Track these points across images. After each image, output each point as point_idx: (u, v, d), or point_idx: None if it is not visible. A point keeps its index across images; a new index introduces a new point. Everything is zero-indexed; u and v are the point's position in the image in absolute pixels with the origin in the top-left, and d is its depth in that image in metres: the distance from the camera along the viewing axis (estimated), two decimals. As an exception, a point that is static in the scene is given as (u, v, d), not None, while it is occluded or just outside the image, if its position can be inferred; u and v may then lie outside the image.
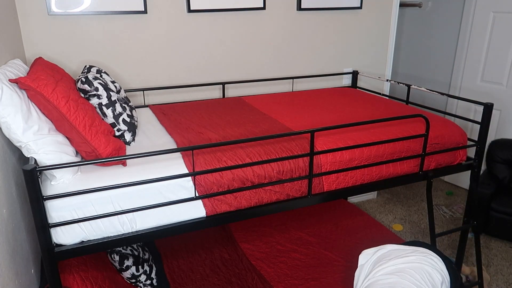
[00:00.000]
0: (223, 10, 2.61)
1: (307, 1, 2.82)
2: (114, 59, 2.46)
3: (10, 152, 1.56)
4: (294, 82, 3.02)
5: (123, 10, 2.37)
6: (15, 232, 1.47)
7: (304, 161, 1.70)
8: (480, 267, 2.27)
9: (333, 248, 2.44)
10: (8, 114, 1.34)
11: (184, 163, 1.57)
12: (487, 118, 2.02)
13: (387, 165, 1.89)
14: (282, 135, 1.63)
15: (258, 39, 2.80)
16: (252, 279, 2.17)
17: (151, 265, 2.16)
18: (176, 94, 2.68)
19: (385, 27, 3.18)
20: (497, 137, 3.47)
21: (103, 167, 1.53)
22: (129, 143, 1.79)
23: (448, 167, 2.07)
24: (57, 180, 1.42)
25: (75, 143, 1.50)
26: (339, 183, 1.80)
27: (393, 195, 3.70)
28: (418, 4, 4.04)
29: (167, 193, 1.50)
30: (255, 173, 1.62)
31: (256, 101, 2.54)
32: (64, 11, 2.25)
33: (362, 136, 1.86)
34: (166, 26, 2.52)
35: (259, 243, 2.50)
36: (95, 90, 1.68)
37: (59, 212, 1.37)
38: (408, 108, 2.37)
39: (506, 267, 2.73)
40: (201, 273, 2.26)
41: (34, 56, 2.28)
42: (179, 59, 2.62)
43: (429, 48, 4.05)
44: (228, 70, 2.78)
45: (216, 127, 2.02)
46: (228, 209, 1.61)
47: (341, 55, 3.11)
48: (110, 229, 1.45)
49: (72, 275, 1.60)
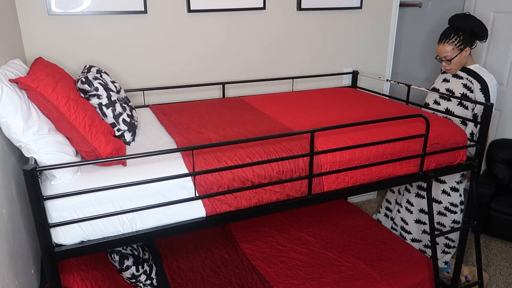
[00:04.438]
0: (223, 10, 2.61)
1: (307, 1, 2.82)
2: (114, 59, 2.46)
3: (10, 152, 1.56)
4: (294, 82, 3.02)
5: (123, 10, 2.37)
6: (15, 232, 1.47)
7: (304, 161, 1.70)
8: (480, 267, 2.27)
9: (333, 248, 2.44)
10: (8, 114, 1.34)
11: (184, 163, 1.57)
12: (487, 118, 2.02)
13: (387, 165, 1.89)
14: (282, 135, 1.63)
15: (258, 39, 2.80)
16: (252, 279, 2.17)
17: (151, 265, 2.16)
18: (176, 94, 2.68)
19: (385, 27, 3.18)
20: (497, 137, 3.47)
21: (103, 167, 1.53)
22: (129, 143, 1.79)
23: (448, 167, 2.07)
24: (57, 180, 1.42)
25: (75, 143, 1.50)
26: (339, 183, 1.80)
27: (393, 195, 3.70)
28: (418, 4, 4.04)
29: (167, 193, 1.50)
30: (255, 173, 1.62)
31: (256, 101, 2.54)
32: (64, 11, 2.25)
33: (362, 136, 1.86)
34: (166, 26, 2.52)
35: (259, 243, 2.50)
36: (95, 90, 1.68)
37: (59, 212, 1.37)
38: (408, 108, 2.37)
39: (506, 267, 2.73)
40: (201, 273, 2.26)
41: (34, 56, 2.28)
42: (179, 59, 2.62)
43: (429, 48, 4.05)
44: (228, 70, 2.78)
45: (216, 127, 2.02)
46: (228, 209, 1.61)
47: (341, 55, 3.11)
48: (110, 229, 1.45)
49: (72, 275, 1.60)
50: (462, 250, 2.25)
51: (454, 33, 2.30)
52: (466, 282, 2.53)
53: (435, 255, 2.08)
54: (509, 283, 2.58)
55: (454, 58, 2.33)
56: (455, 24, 2.31)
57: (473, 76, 2.35)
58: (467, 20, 2.28)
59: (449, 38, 2.31)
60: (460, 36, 2.29)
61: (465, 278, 2.54)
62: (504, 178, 3.11)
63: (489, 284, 2.58)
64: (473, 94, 2.33)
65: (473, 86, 2.34)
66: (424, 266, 2.26)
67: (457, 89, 2.39)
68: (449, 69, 2.39)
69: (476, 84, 2.32)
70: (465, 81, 2.36)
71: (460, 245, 2.25)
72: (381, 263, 2.29)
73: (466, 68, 2.39)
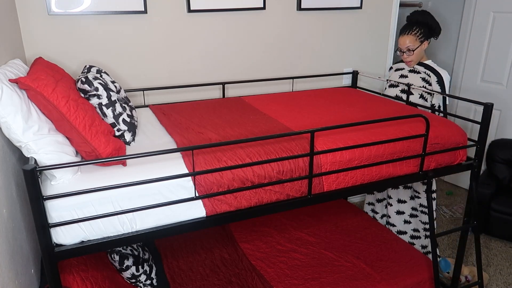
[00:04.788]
0: (223, 10, 2.61)
1: (307, 1, 2.82)
2: (114, 59, 2.46)
3: (10, 152, 1.56)
4: (294, 82, 3.02)
5: (123, 10, 2.37)
6: (15, 232, 1.47)
7: (304, 161, 1.70)
8: (480, 267, 2.27)
9: (333, 248, 2.44)
10: (8, 114, 1.34)
11: (184, 163, 1.57)
12: (487, 118, 2.02)
13: (387, 165, 1.89)
14: (282, 135, 1.63)
15: (258, 39, 2.80)
16: (252, 279, 2.17)
17: (151, 265, 2.16)
18: (176, 94, 2.68)
19: (385, 27, 3.18)
20: (497, 137, 3.47)
21: (103, 167, 1.53)
22: (129, 143, 1.79)
23: (448, 167, 2.07)
24: (57, 180, 1.42)
25: (75, 143, 1.50)
26: (339, 183, 1.80)
27: (393, 195, 3.70)
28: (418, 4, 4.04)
29: (167, 193, 1.50)
30: (255, 173, 1.62)
31: (256, 101, 2.54)
32: (64, 11, 2.25)
33: (362, 136, 1.86)
34: (166, 26, 2.52)
35: (259, 243, 2.50)
36: (95, 90, 1.68)
37: (59, 212, 1.37)
38: (408, 108, 2.37)
39: (506, 267, 2.73)
40: (201, 273, 2.26)
41: (34, 56, 2.28)
42: (179, 59, 2.62)
43: (429, 48, 4.05)
44: (228, 70, 2.78)
45: (216, 127, 2.02)
46: (228, 209, 1.61)
47: (341, 55, 3.11)
48: (110, 229, 1.45)
49: (72, 275, 1.60)
50: (462, 250, 2.25)
51: (416, 26, 2.49)
52: (466, 282, 2.53)
53: (435, 255, 2.08)
54: (509, 283, 2.58)
55: (416, 49, 2.50)
56: (418, 19, 2.51)
57: (430, 70, 2.53)
58: (427, 16, 2.49)
59: (411, 30, 2.49)
60: (421, 29, 2.48)
61: (465, 278, 2.54)
62: (504, 178, 3.11)
63: (489, 284, 2.58)
64: (431, 86, 2.50)
65: (430, 79, 2.52)
66: (424, 266, 2.26)
67: (416, 83, 2.57)
68: (409, 60, 2.56)
69: (433, 77, 2.51)
70: (423, 74, 2.55)
71: (460, 245, 2.25)
72: (381, 263, 2.29)
73: (422, 63, 2.57)
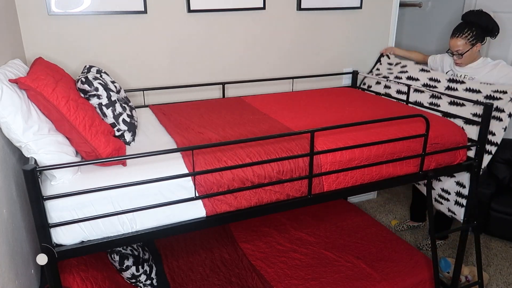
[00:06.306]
0: (223, 10, 2.61)
1: (307, 1, 2.82)
2: (114, 59, 2.46)
3: (10, 152, 1.56)
4: (294, 82, 3.02)
5: (123, 10, 2.37)
6: (15, 232, 1.47)
7: (304, 161, 1.70)
8: (480, 267, 2.27)
9: (333, 248, 2.44)
10: (8, 114, 1.34)
11: (184, 163, 1.57)
12: (487, 118, 2.02)
13: (387, 165, 1.89)
14: (282, 135, 1.63)
15: (258, 39, 2.80)
16: (252, 279, 2.17)
17: (151, 265, 2.16)
18: (176, 94, 2.68)
19: (385, 27, 3.18)
20: (497, 137, 3.46)
21: (103, 167, 1.53)
22: (129, 143, 1.79)
23: (448, 167, 2.07)
24: (57, 180, 1.42)
25: (75, 143, 1.50)
26: (339, 183, 1.80)
27: (393, 195, 3.70)
28: (418, 4, 4.04)
29: (167, 193, 1.50)
30: (255, 173, 1.62)
31: (256, 101, 2.54)
32: (64, 11, 2.25)
33: (362, 136, 1.86)
34: (166, 26, 2.52)
35: (259, 243, 2.50)
36: (95, 90, 1.68)
37: (59, 212, 1.37)
38: (408, 108, 2.37)
39: (506, 267, 2.73)
40: (201, 273, 2.26)
41: (34, 56, 2.28)
42: (179, 59, 2.62)
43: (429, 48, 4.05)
44: (228, 70, 2.78)
45: (216, 127, 2.02)
46: (228, 209, 1.61)
47: (341, 55, 3.11)
48: (110, 229, 1.45)
49: (72, 275, 1.60)
50: (462, 250, 2.25)
51: (468, 28, 2.37)
52: (466, 282, 2.53)
53: (435, 255, 2.08)
54: (509, 283, 2.58)
55: (466, 52, 2.40)
56: (471, 20, 2.38)
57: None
58: (481, 16, 2.36)
59: (462, 33, 2.38)
60: (473, 32, 2.36)
61: (465, 278, 2.54)
62: (504, 178, 3.11)
63: (489, 284, 2.58)
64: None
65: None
66: (424, 266, 2.26)
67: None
68: (459, 63, 2.48)
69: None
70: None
71: (460, 245, 2.25)
72: (381, 263, 2.29)
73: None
